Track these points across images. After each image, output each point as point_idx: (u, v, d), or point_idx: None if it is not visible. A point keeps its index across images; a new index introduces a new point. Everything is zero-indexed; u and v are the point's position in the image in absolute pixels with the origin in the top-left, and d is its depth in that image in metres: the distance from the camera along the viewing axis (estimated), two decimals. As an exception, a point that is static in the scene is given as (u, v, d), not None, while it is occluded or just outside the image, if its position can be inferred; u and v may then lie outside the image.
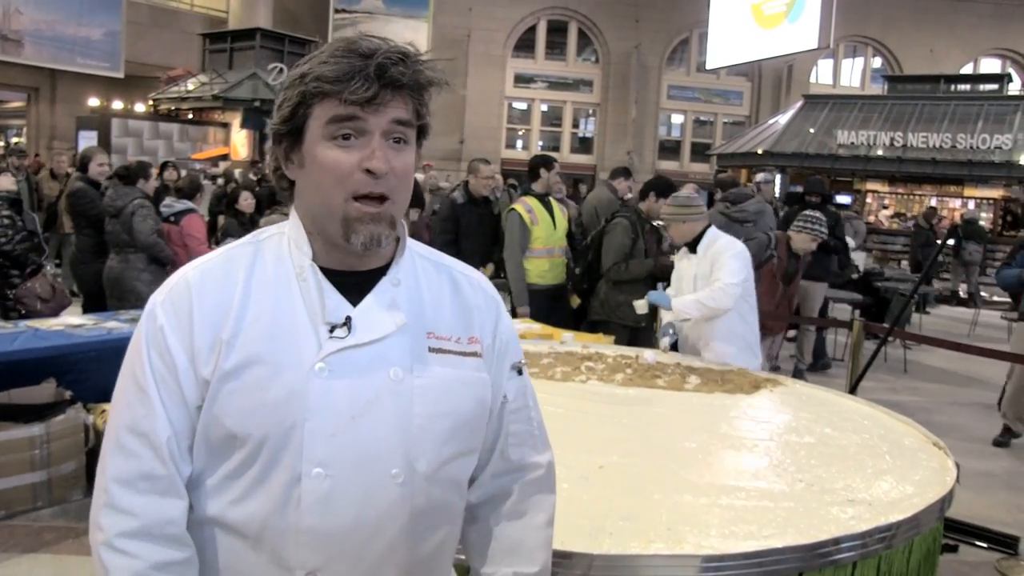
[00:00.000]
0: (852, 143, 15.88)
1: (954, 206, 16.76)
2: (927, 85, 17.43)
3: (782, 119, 17.74)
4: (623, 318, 4.94)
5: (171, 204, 6.11)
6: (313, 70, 1.11)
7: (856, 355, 5.20)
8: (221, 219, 8.02)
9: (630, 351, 3.93)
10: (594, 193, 7.26)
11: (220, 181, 11.33)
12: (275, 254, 1.18)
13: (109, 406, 1.19)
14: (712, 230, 4.12)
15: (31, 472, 3.70)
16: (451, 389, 1.18)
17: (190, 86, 17.37)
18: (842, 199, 16.77)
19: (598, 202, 6.52)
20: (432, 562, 1.20)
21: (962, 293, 13.32)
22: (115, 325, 4.44)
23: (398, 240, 1.21)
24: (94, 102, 18.32)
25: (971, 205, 16.37)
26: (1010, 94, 17.69)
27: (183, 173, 8.61)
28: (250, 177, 11.25)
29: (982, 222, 14.79)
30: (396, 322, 1.16)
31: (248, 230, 3.66)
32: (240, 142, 16.38)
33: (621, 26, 23.63)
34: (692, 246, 4.13)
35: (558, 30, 24.19)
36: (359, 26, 20.30)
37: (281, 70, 15.66)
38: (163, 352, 1.12)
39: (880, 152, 15.67)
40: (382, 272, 1.19)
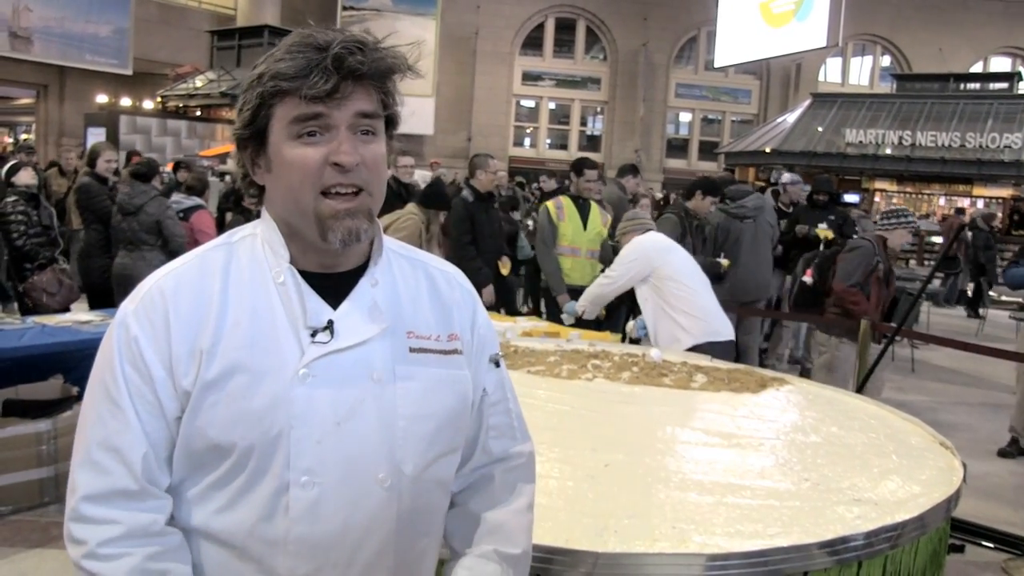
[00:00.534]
0: (860, 142, 15.83)
1: (963, 205, 16.69)
2: (936, 84, 17.36)
3: (790, 118, 17.70)
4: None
5: (180, 201, 6.14)
6: (270, 69, 1.08)
7: (863, 354, 5.18)
8: (228, 216, 8.03)
9: (636, 349, 3.93)
10: (604, 191, 7.27)
11: (228, 178, 11.36)
12: (250, 257, 1.15)
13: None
14: (644, 235, 4.37)
15: (38, 468, 3.71)
16: (434, 389, 1.16)
17: (198, 83, 17.43)
18: (850, 198, 16.70)
19: (607, 200, 6.52)
20: (419, 563, 1.19)
21: (970, 292, 13.25)
22: (122, 321, 4.45)
23: (374, 239, 1.19)
24: (102, 99, 18.41)
25: (980, 204, 16.30)
26: (1020, 93, 17.60)
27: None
28: None
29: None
30: (378, 324, 1.14)
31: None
32: (247, 139, 16.39)
33: (629, 24, 23.60)
34: None
35: (566, 28, 24.18)
36: (367, 23, 20.34)
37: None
38: (138, 363, 1.08)
39: (888, 151, 15.62)
40: (359, 272, 1.17)
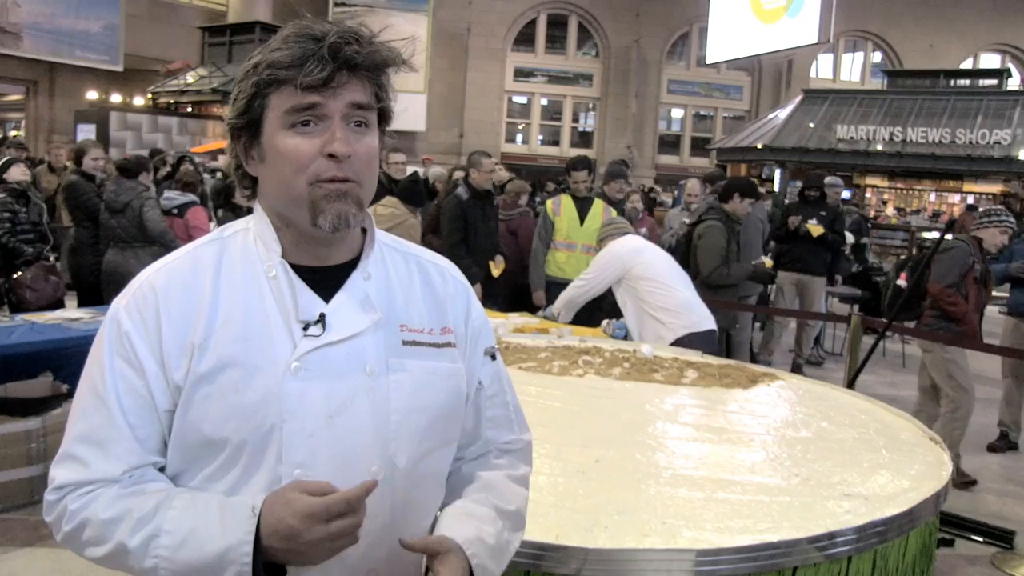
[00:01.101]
0: (852, 138, 15.85)
1: (953, 201, 16.76)
2: (927, 80, 17.40)
3: (782, 114, 17.71)
4: (717, 322, 5.08)
5: (173, 197, 6.12)
6: (265, 58, 1.08)
7: (854, 350, 5.20)
8: (219, 212, 8.00)
9: (627, 345, 3.93)
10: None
11: (219, 175, 11.31)
12: (242, 251, 1.15)
13: None
14: (618, 239, 4.41)
15: (28, 466, 3.70)
16: (427, 383, 1.16)
17: (189, 79, 17.37)
18: (842, 194, 16.76)
19: None
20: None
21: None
22: (112, 319, 4.44)
23: (365, 232, 1.19)
24: (93, 95, 18.32)
25: (970, 200, 16.35)
26: (1010, 89, 17.68)
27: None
28: None
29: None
30: (370, 317, 1.14)
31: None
32: (239, 136, 16.36)
33: (621, 20, 23.59)
34: None
35: (558, 24, 24.16)
36: (359, 19, 20.19)
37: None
38: (130, 358, 1.08)
39: (880, 147, 15.65)
40: (351, 266, 1.17)
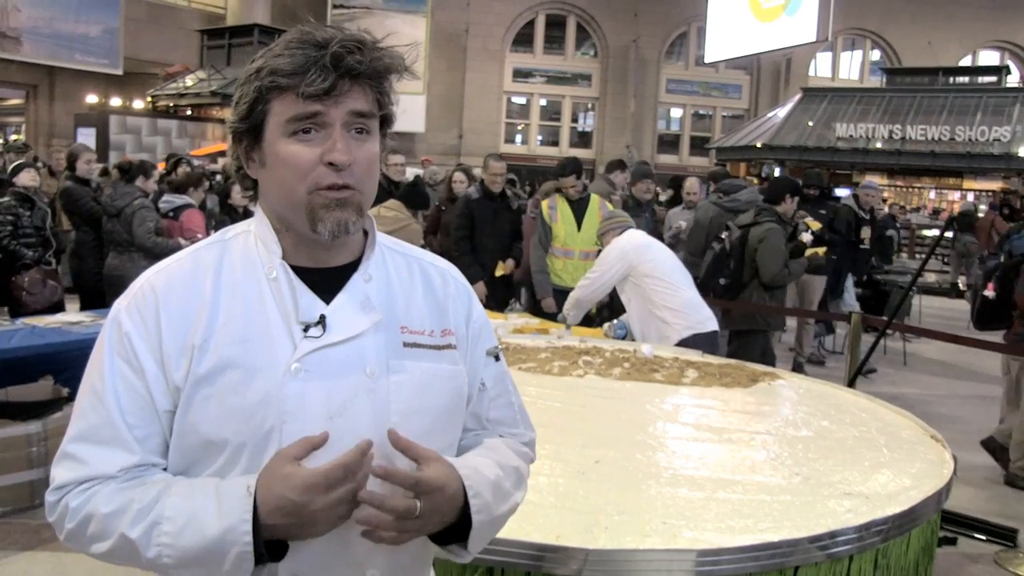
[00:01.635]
0: (851, 136, 15.85)
1: (953, 198, 16.75)
2: (925, 77, 17.41)
3: (781, 112, 17.71)
4: (770, 323, 5.25)
5: (170, 200, 6.13)
6: (268, 64, 1.08)
7: (855, 348, 5.19)
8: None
9: (628, 345, 3.93)
10: (592, 187, 7.26)
11: (219, 178, 11.32)
12: (243, 253, 1.15)
13: None
14: (622, 235, 4.39)
15: (28, 470, 3.70)
16: (428, 384, 1.16)
17: (188, 82, 17.38)
18: (841, 192, 16.75)
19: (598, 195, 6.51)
20: (412, 561, 1.19)
21: (961, 285, 13.30)
22: (112, 322, 4.44)
23: (367, 234, 1.20)
24: (92, 99, 18.33)
25: (970, 197, 16.35)
26: (1008, 86, 17.69)
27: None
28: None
29: (980, 214, 14.77)
30: (371, 319, 1.14)
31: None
32: (238, 138, 16.38)
33: (619, 20, 23.60)
34: None
35: (556, 24, 24.16)
36: (357, 21, 20.27)
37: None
38: (130, 358, 1.08)
39: (879, 145, 15.64)
40: (352, 268, 1.17)
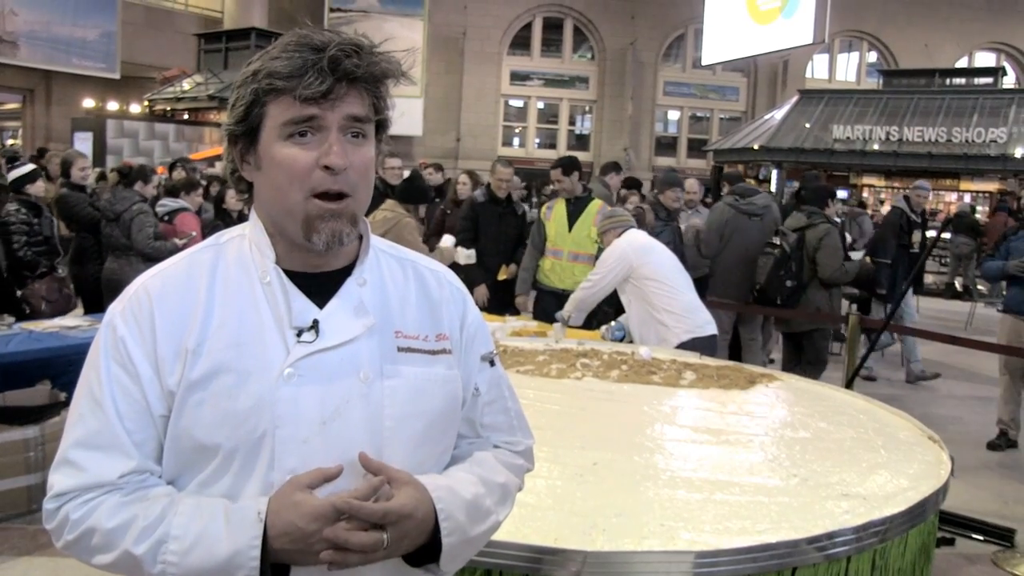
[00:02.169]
0: (848, 138, 15.86)
1: (950, 200, 16.77)
2: (922, 79, 17.42)
3: (778, 114, 17.72)
4: (828, 321, 5.53)
5: (165, 204, 6.14)
6: (265, 66, 1.08)
7: (852, 350, 5.20)
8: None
9: (626, 348, 3.93)
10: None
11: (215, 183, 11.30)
12: (237, 257, 1.15)
13: None
14: (622, 236, 4.40)
15: (26, 475, 3.70)
16: (422, 389, 1.16)
17: (186, 86, 17.37)
18: (838, 194, 16.74)
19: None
20: (403, 569, 1.18)
21: (958, 286, 13.32)
22: (110, 326, 4.43)
23: (361, 238, 1.20)
24: (89, 103, 18.30)
25: (967, 199, 16.38)
26: (1005, 87, 17.70)
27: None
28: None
29: (977, 215, 14.81)
30: (364, 323, 1.14)
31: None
32: (236, 142, 16.36)
33: (616, 23, 23.62)
34: None
35: (554, 27, 24.17)
36: (355, 25, 20.27)
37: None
38: (125, 362, 1.09)
39: (876, 146, 15.65)
40: (347, 272, 1.17)
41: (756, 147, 16.53)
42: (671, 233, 5.88)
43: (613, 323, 4.50)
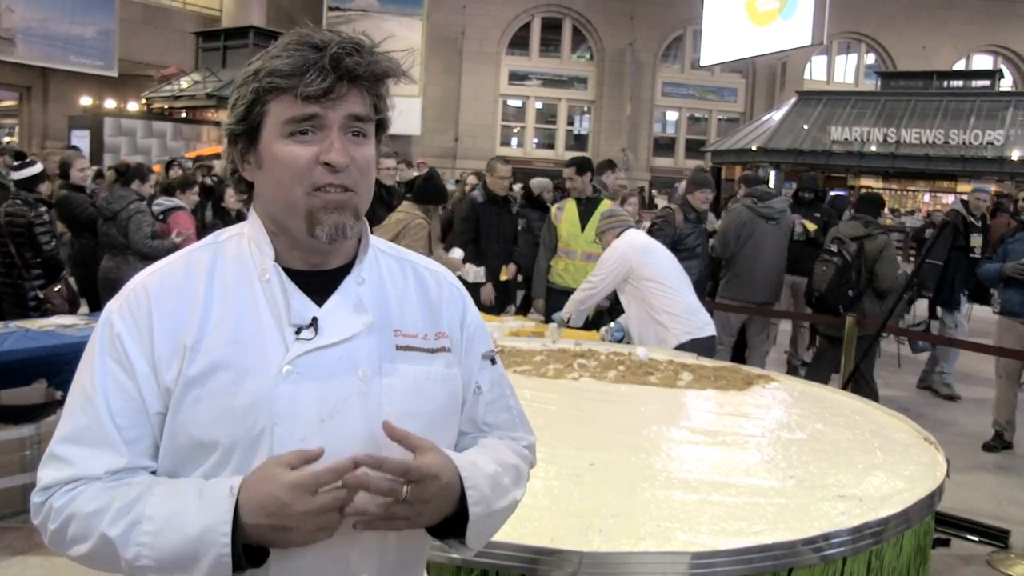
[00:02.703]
0: (846, 139, 15.88)
1: (947, 202, 16.80)
2: (920, 81, 17.46)
3: (776, 115, 17.74)
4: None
5: (161, 203, 6.13)
6: (266, 65, 1.08)
7: (849, 351, 5.21)
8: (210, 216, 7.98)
9: (623, 348, 3.93)
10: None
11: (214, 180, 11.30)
12: (236, 255, 1.15)
13: None
14: (621, 236, 4.38)
15: (21, 474, 3.68)
16: (421, 388, 1.16)
17: (183, 84, 17.35)
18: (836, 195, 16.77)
19: None
20: (405, 566, 1.18)
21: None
22: (106, 325, 4.43)
23: (360, 238, 1.19)
24: (87, 101, 18.28)
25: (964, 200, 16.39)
26: (1002, 90, 17.74)
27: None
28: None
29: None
30: (363, 321, 1.14)
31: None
32: (234, 140, 16.36)
33: (615, 23, 23.64)
34: None
35: (552, 27, 24.19)
36: (353, 24, 20.26)
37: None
38: (121, 359, 1.08)
39: (874, 148, 15.68)
40: (346, 271, 1.17)
41: (754, 148, 16.55)
42: (699, 235, 5.75)
43: (612, 324, 4.50)
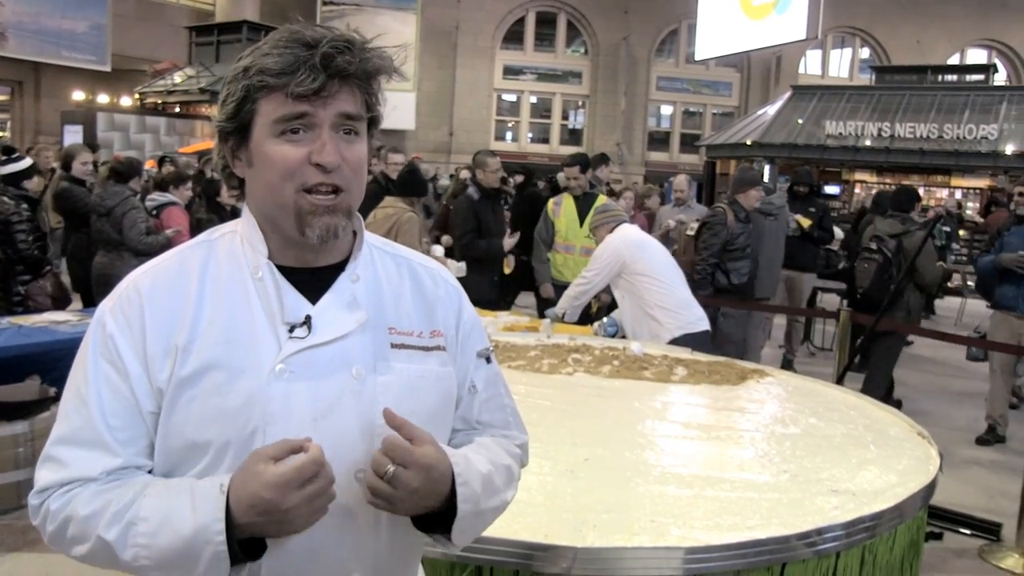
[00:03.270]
0: (840, 133, 15.89)
1: (941, 196, 16.83)
2: (914, 76, 17.46)
3: (771, 110, 17.72)
4: (916, 320, 5.87)
5: (155, 198, 6.11)
6: (256, 62, 1.07)
7: (843, 345, 5.22)
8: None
9: (617, 343, 3.94)
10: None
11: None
12: (228, 253, 1.14)
13: None
14: (615, 231, 4.37)
15: (15, 470, 3.68)
16: (415, 386, 1.15)
17: (177, 79, 17.28)
18: (830, 189, 16.80)
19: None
20: (400, 562, 1.18)
21: (950, 283, 13.35)
22: (100, 321, 4.41)
23: (355, 234, 1.19)
24: (79, 96, 18.16)
25: (958, 195, 16.43)
26: (996, 85, 17.76)
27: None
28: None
29: (969, 211, 14.86)
30: (357, 319, 1.13)
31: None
32: (227, 136, 16.30)
33: (610, 17, 23.59)
34: None
35: (547, 22, 24.13)
36: (347, 18, 20.19)
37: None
38: (114, 360, 1.08)
39: (868, 142, 15.69)
40: (340, 268, 1.16)
41: (749, 143, 16.54)
42: (749, 235, 5.58)
43: (606, 319, 4.51)
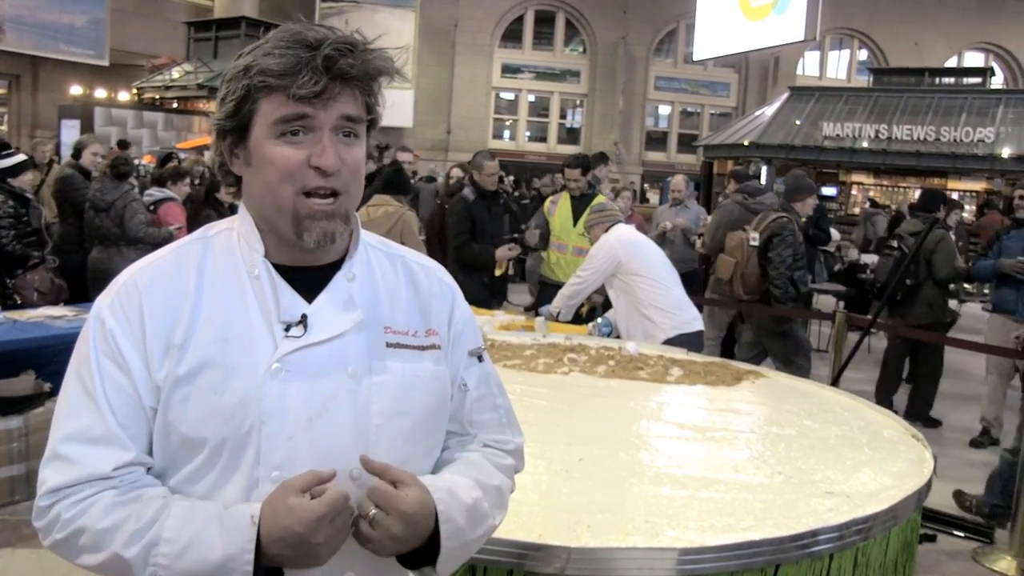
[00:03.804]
0: (838, 135, 15.90)
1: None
2: (912, 78, 17.47)
3: (768, 111, 17.73)
4: (941, 316, 6.01)
5: (152, 193, 6.10)
6: (257, 62, 1.07)
7: (839, 347, 5.23)
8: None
9: (613, 343, 3.94)
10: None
11: (206, 171, 11.23)
12: (225, 251, 1.15)
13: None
14: (610, 231, 4.37)
15: (9, 465, 3.67)
16: (410, 385, 1.16)
17: (175, 75, 17.21)
18: (827, 191, 16.82)
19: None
20: (392, 561, 1.17)
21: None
22: (95, 316, 4.40)
23: (351, 233, 1.19)
24: (77, 90, 18.11)
25: (955, 197, 16.44)
26: (993, 88, 17.79)
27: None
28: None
29: (965, 214, 14.88)
30: (353, 318, 1.13)
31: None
32: (225, 131, 16.27)
33: (608, 16, 23.59)
34: None
35: (545, 20, 24.13)
36: (346, 15, 20.17)
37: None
38: (115, 356, 1.08)
39: (865, 144, 15.69)
40: (336, 267, 1.16)
41: (746, 143, 16.54)
42: (803, 244, 5.57)
43: (600, 319, 4.50)
